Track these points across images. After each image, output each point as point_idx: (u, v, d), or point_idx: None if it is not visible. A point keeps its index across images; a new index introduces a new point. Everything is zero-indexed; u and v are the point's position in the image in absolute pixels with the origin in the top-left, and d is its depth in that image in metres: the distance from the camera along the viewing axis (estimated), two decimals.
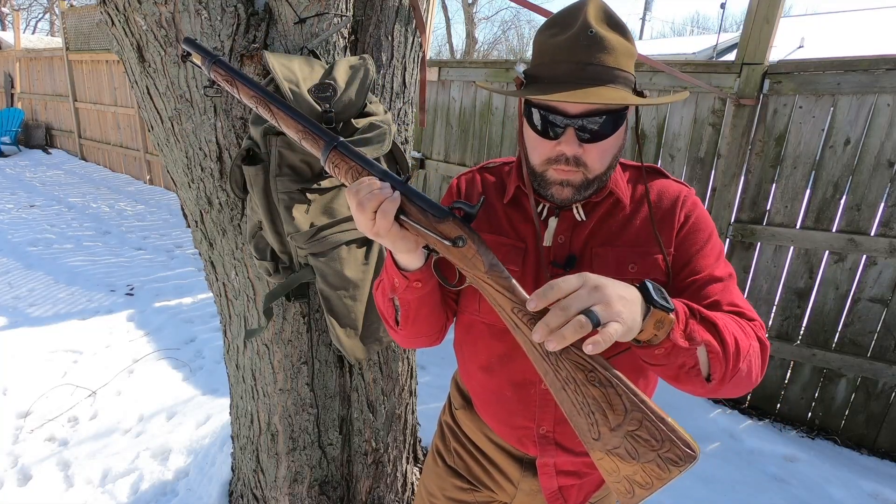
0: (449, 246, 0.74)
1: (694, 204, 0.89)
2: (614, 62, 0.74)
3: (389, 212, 0.71)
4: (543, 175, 0.83)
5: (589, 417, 0.66)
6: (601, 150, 0.78)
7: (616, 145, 0.81)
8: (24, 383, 2.68)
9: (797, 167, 2.42)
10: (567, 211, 0.88)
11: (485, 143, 3.71)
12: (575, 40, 0.73)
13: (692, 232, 0.86)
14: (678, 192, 0.90)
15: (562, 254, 0.87)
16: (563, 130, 0.76)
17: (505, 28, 26.28)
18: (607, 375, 0.65)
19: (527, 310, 0.70)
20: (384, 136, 1.20)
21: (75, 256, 4.53)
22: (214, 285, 1.51)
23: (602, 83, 0.73)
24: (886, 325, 2.33)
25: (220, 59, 0.89)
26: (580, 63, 0.73)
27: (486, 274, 0.73)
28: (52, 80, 8.79)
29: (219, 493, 1.93)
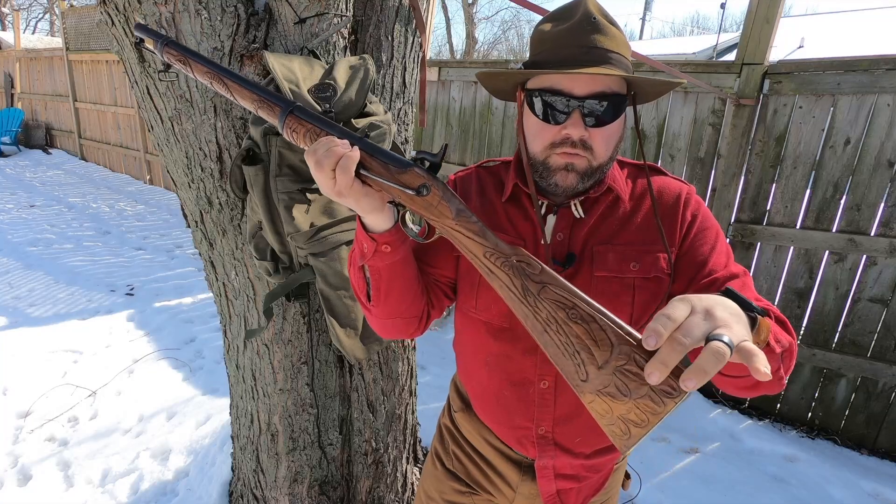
0: (412, 195, 0.71)
1: (697, 202, 0.89)
2: (616, 48, 0.77)
3: (349, 168, 0.68)
4: (546, 162, 0.81)
5: (574, 358, 0.61)
6: (606, 135, 0.79)
7: (617, 134, 0.82)
8: (24, 383, 2.68)
9: (797, 167, 2.42)
10: (565, 208, 0.87)
11: (485, 143, 3.71)
12: (578, 26, 0.76)
13: (702, 230, 0.86)
14: (679, 190, 0.89)
15: (561, 251, 0.87)
16: (569, 114, 0.77)
17: (505, 28, 26.29)
18: (589, 310, 0.62)
19: (499, 253, 0.70)
20: (384, 136, 1.20)
21: (75, 256, 4.53)
22: (214, 285, 1.51)
23: (607, 65, 0.76)
24: (886, 325, 2.33)
25: (170, 40, 0.85)
26: (585, 46, 0.76)
27: (455, 221, 0.72)
28: (52, 80, 8.79)
29: (219, 493, 1.93)
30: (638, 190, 0.90)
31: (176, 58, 0.85)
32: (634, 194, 0.89)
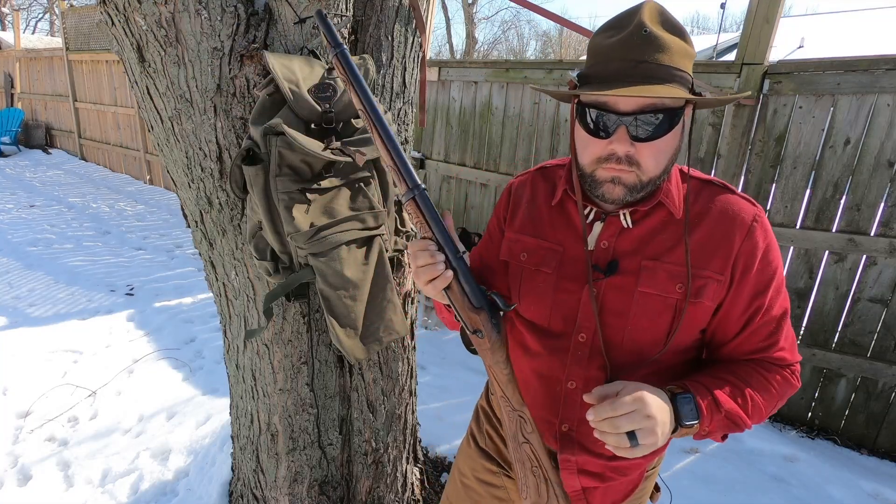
0: (469, 332, 0.86)
1: (765, 231, 0.83)
2: (669, 60, 0.73)
3: (438, 286, 0.83)
4: (593, 175, 0.81)
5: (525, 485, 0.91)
6: (655, 149, 0.77)
7: (671, 147, 0.79)
8: (24, 383, 2.68)
9: (797, 167, 2.42)
10: (614, 217, 0.87)
11: (485, 143, 3.71)
12: (629, 39, 0.74)
13: (762, 268, 0.83)
14: (744, 214, 0.83)
15: (604, 259, 0.87)
16: (615, 129, 0.76)
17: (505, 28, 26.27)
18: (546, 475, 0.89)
19: (510, 402, 0.88)
20: None
21: (75, 256, 4.53)
22: (214, 285, 1.51)
23: (655, 81, 0.73)
24: (886, 325, 2.33)
25: (343, 52, 0.85)
26: (633, 60, 0.73)
27: (492, 364, 0.87)
28: (52, 80, 8.79)
29: (219, 493, 1.93)
30: (699, 208, 0.85)
31: (341, 74, 0.87)
32: (694, 211, 0.86)
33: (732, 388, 0.82)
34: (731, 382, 0.82)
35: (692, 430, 0.79)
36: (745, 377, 0.84)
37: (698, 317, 0.84)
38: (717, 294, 0.83)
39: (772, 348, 0.85)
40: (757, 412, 0.82)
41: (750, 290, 0.83)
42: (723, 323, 0.86)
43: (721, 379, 0.83)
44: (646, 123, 0.75)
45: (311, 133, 1.13)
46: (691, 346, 0.89)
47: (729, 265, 0.82)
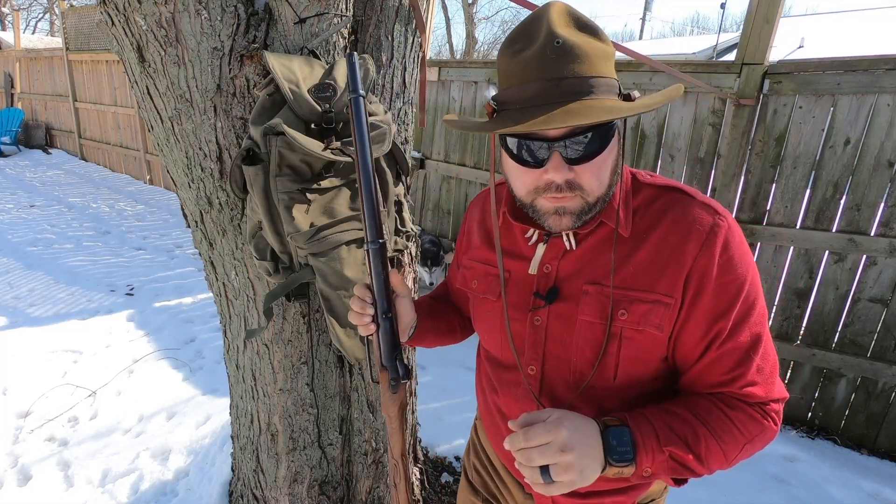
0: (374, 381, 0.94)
1: (726, 243, 0.71)
2: (590, 69, 0.65)
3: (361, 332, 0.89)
4: (534, 206, 0.74)
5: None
6: (595, 168, 0.69)
7: (611, 160, 0.71)
8: (24, 383, 2.68)
9: (797, 167, 2.42)
10: (557, 237, 0.80)
11: (485, 142, 3.71)
12: (542, 54, 0.65)
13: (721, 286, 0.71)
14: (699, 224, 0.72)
15: (546, 284, 0.80)
16: (548, 156, 0.68)
17: (505, 28, 26.27)
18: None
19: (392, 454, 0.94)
20: (384, 136, 1.20)
21: (75, 256, 4.53)
22: (214, 285, 1.51)
23: (581, 96, 0.65)
24: (886, 325, 2.33)
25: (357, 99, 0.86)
26: (552, 79, 0.65)
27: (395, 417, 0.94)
28: (52, 80, 8.79)
29: (219, 493, 1.93)
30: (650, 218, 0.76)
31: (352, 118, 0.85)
32: (643, 224, 0.75)
33: (683, 424, 0.70)
34: (683, 418, 0.71)
35: (629, 470, 0.67)
36: (701, 414, 0.72)
37: (646, 346, 0.75)
38: (667, 318, 0.72)
39: (737, 381, 0.72)
40: (715, 455, 0.70)
41: (706, 313, 0.71)
42: (680, 350, 0.76)
43: (671, 413, 0.72)
44: (578, 144, 0.67)
45: (310, 133, 1.13)
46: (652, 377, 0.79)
47: (679, 285, 0.72)
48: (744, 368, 0.72)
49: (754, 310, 0.72)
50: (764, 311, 0.73)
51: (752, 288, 0.72)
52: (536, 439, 0.63)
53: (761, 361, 0.72)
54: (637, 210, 0.77)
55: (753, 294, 0.72)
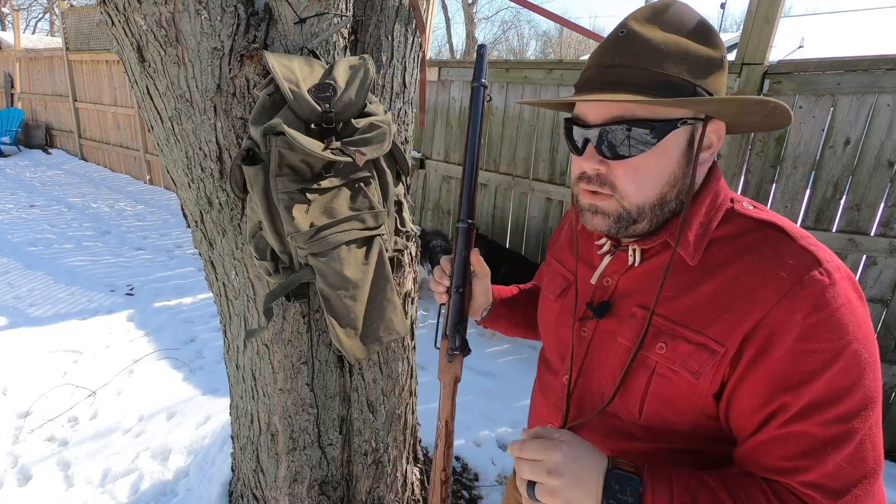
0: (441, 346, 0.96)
1: (820, 303, 0.57)
2: (649, 63, 0.62)
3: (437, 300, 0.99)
4: (577, 199, 0.73)
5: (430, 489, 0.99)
6: (630, 169, 0.65)
7: (658, 170, 0.65)
8: (24, 383, 2.68)
9: (797, 167, 2.42)
10: (623, 251, 0.76)
11: (484, 143, 3.71)
12: (605, 42, 0.66)
13: (800, 352, 0.58)
14: (789, 270, 0.59)
15: (600, 297, 0.77)
16: (585, 143, 0.67)
17: (505, 28, 26.26)
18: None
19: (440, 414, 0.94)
20: (384, 136, 1.20)
21: (75, 256, 4.53)
22: (214, 285, 1.51)
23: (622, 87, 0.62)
24: (886, 325, 2.33)
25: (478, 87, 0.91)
26: (602, 66, 0.65)
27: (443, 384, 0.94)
28: (52, 80, 8.79)
29: (219, 493, 1.93)
30: (730, 252, 0.66)
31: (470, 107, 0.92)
32: (716, 258, 0.66)
33: (711, 499, 0.60)
34: (714, 493, 0.60)
35: None
36: (739, 496, 0.60)
37: (681, 391, 0.66)
38: (709, 368, 0.63)
39: (797, 474, 0.58)
40: None
41: (770, 379, 0.59)
42: (734, 415, 0.64)
43: (702, 483, 0.61)
44: (614, 137, 0.64)
45: (310, 133, 1.13)
46: (689, 431, 0.68)
47: (738, 335, 0.61)
48: (811, 462, 0.57)
49: (848, 398, 0.56)
50: (870, 406, 0.56)
51: (851, 368, 0.56)
52: (529, 453, 0.63)
53: (846, 464, 0.56)
54: (718, 240, 0.67)
55: (853, 377, 0.56)
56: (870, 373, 0.57)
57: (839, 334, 0.56)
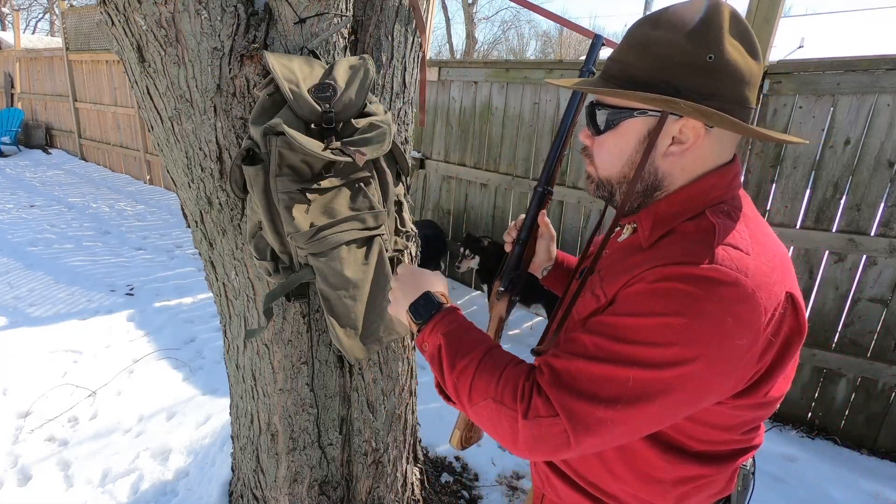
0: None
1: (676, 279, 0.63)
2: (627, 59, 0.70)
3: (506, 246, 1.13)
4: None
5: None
6: (600, 146, 0.76)
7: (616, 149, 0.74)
8: (24, 383, 2.68)
9: (797, 167, 2.42)
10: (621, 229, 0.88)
11: (485, 143, 3.71)
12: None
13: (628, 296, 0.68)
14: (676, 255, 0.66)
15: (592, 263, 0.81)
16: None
17: (505, 28, 26.26)
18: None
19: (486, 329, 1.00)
20: (384, 136, 1.20)
21: (75, 256, 4.53)
22: (214, 285, 1.51)
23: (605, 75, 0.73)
24: (886, 325, 2.33)
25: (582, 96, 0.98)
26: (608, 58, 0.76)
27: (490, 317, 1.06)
28: (52, 80, 8.79)
29: (219, 493, 1.93)
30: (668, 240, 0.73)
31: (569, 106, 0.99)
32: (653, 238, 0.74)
33: (472, 342, 0.75)
34: (478, 339, 0.76)
35: (414, 328, 0.84)
36: (492, 349, 0.75)
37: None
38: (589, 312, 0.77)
39: (551, 357, 0.69)
40: (462, 382, 0.72)
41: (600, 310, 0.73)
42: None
43: (475, 330, 0.79)
44: (593, 116, 0.76)
45: (310, 133, 1.13)
46: None
47: (616, 288, 0.71)
48: (566, 355, 0.67)
49: (635, 349, 0.62)
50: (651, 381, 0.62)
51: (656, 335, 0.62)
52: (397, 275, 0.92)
53: (578, 369, 0.65)
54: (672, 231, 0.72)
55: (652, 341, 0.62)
56: (674, 362, 0.61)
57: (670, 309, 0.62)
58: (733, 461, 0.78)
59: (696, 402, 0.65)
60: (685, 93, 0.66)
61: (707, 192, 0.72)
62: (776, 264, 0.66)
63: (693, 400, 0.64)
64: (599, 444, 0.64)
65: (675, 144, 0.71)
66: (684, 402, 0.64)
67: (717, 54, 0.66)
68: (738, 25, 0.68)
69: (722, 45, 0.66)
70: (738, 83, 0.67)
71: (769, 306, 0.62)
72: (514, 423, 0.66)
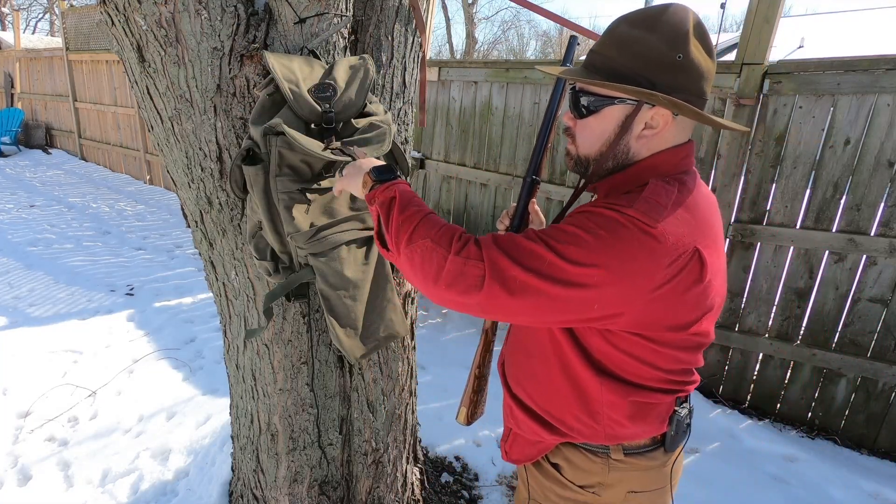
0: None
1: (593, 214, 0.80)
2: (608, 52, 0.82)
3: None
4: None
5: None
6: (581, 128, 0.88)
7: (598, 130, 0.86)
8: (24, 383, 2.68)
9: (797, 167, 2.42)
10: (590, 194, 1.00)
11: (485, 142, 3.71)
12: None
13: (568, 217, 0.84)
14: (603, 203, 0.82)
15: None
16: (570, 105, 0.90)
17: (505, 28, 26.27)
18: None
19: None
20: (384, 136, 1.20)
21: (75, 256, 4.53)
22: (214, 285, 1.51)
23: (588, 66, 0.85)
24: (886, 325, 2.33)
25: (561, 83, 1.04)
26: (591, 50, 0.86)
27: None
28: (52, 80, 8.79)
29: (219, 493, 1.93)
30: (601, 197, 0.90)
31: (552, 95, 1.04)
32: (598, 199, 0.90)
33: (422, 203, 0.92)
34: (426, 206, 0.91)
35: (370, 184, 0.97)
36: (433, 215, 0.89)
37: None
38: None
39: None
40: (407, 225, 0.86)
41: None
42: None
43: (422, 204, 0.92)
44: (576, 102, 0.87)
45: (310, 133, 1.13)
46: None
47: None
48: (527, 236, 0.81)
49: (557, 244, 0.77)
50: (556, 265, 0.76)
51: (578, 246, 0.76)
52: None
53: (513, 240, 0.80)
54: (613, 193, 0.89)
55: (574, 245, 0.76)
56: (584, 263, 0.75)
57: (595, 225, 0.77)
58: (663, 398, 0.90)
59: (594, 306, 0.77)
60: (659, 86, 0.79)
61: (657, 167, 0.86)
62: (695, 224, 0.80)
63: (590, 301, 0.77)
64: (504, 302, 0.78)
65: (648, 129, 0.84)
66: (583, 300, 0.77)
67: (685, 54, 0.79)
68: (699, 29, 0.81)
69: (688, 46, 0.78)
70: (700, 79, 0.81)
71: (673, 251, 0.76)
72: (442, 261, 0.80)
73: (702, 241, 0.79)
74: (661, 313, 0.79)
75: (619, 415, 0.90)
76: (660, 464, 0.97)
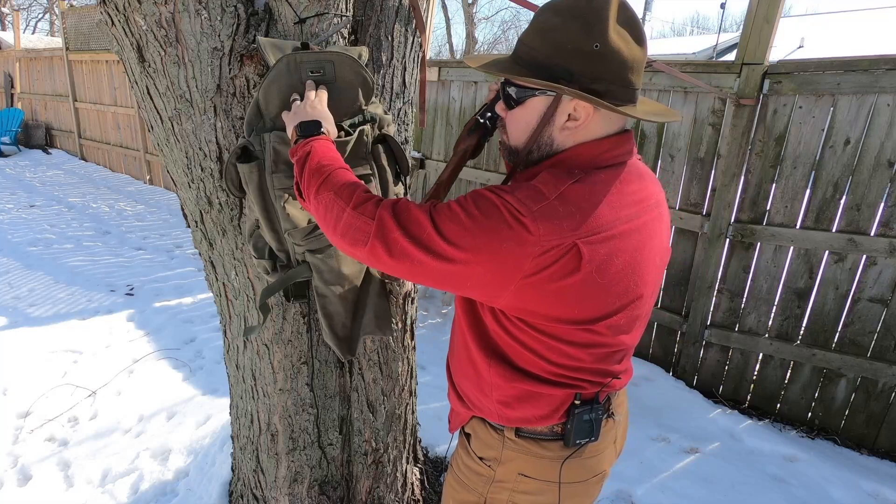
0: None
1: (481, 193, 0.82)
2: (531, 42, 0.81)
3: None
4: None
5: None
6: (511, 118, 0.89)
7: (523, 122, 0.87)
8: (24, 383, 2.68)
9: (797, 167, 2.42)
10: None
11: (487, 145, 3.70)
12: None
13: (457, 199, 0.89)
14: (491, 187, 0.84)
15: None
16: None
17: (505, 28, 26.27)
18: None
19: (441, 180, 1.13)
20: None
21: (75, 256, 4.53)
22: (214, 285, 1.51)
23: (514, 57, 0.84)
24: (886, 325, 2.33)
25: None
26: (519, 39, 0.85)
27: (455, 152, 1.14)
28: (52, 80, 8.79)
29: (219, 493, 1.93)
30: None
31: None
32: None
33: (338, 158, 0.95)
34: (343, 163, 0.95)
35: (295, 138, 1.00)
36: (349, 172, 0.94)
37: None
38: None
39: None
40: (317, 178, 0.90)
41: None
42: None
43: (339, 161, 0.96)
44: (504, 92, 0.88)
45: None
46: None
47: None
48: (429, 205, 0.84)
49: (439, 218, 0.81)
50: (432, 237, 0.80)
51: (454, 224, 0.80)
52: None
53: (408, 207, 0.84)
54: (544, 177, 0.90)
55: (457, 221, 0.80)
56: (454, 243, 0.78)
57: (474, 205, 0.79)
58: (552, 391, 0.91)
59: (467, 282, 0.80)
60: (577, 76, 0.78)
61: (573, 158, 0.85)
62: (583, 220, 0.78)
63: (461, 276, 0.80)
64: (386, 261, 0.82)
65: (571, 121, 0.83)
66: (454, 274, 0.80)
67: (603, 43, 0.76)
68: (624, 14, 0.78)
69: (607, 34, 0.76)
70: (622, 68, 0.78)
71: (545, 242, 0.76)
72: (341, 212, 0.86)
73: (594, 236, 0.78)
74: (536, 302, 0.81)
75: (504, 396, 0.94)
76: (553, 455, 0.96)
